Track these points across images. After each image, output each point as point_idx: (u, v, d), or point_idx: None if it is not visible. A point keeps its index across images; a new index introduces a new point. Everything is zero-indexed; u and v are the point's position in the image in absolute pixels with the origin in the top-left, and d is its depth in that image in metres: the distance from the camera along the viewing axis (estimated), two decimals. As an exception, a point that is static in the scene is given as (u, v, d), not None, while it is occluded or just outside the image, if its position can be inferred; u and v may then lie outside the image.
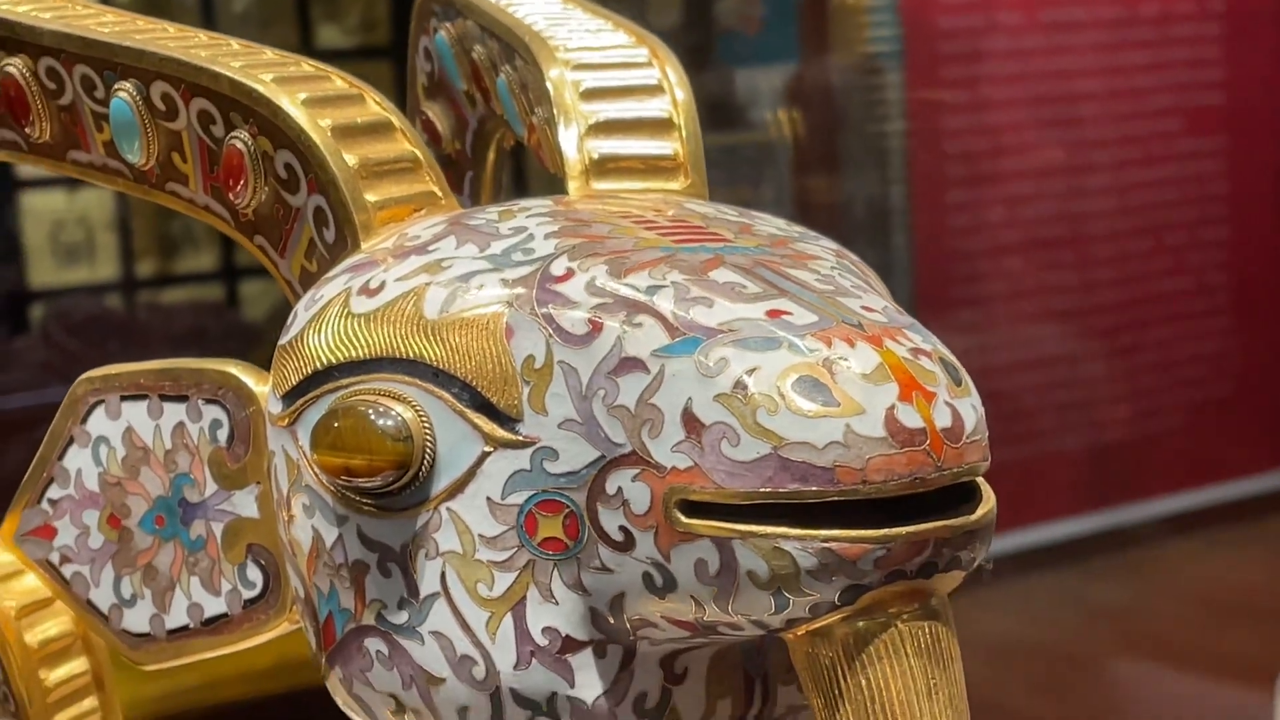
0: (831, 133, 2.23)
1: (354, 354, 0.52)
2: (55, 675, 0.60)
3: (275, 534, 0.56)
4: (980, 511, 0.49)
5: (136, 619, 0.59)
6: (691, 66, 0.64)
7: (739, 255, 0.52)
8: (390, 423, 0.50)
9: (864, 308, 0.50)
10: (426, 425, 0.51)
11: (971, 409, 0.49)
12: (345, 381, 0.52)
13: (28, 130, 0.60)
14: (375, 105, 0.57)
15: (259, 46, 0.59)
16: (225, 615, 0.57)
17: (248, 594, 0.57)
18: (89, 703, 0.61)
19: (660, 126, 0.61)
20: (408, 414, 0.51)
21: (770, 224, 0.56)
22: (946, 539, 0.48)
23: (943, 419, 0.48)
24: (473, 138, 0.72)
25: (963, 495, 0.49)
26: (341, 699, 0.55)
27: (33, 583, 0.60)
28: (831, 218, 2.20)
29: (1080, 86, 2.30)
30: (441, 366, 0.51)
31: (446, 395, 0.51)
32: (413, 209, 0.56)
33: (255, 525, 0.56)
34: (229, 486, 0.57)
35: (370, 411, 0.50)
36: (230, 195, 0.57)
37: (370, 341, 0.52)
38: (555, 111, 0.61)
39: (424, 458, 0.51)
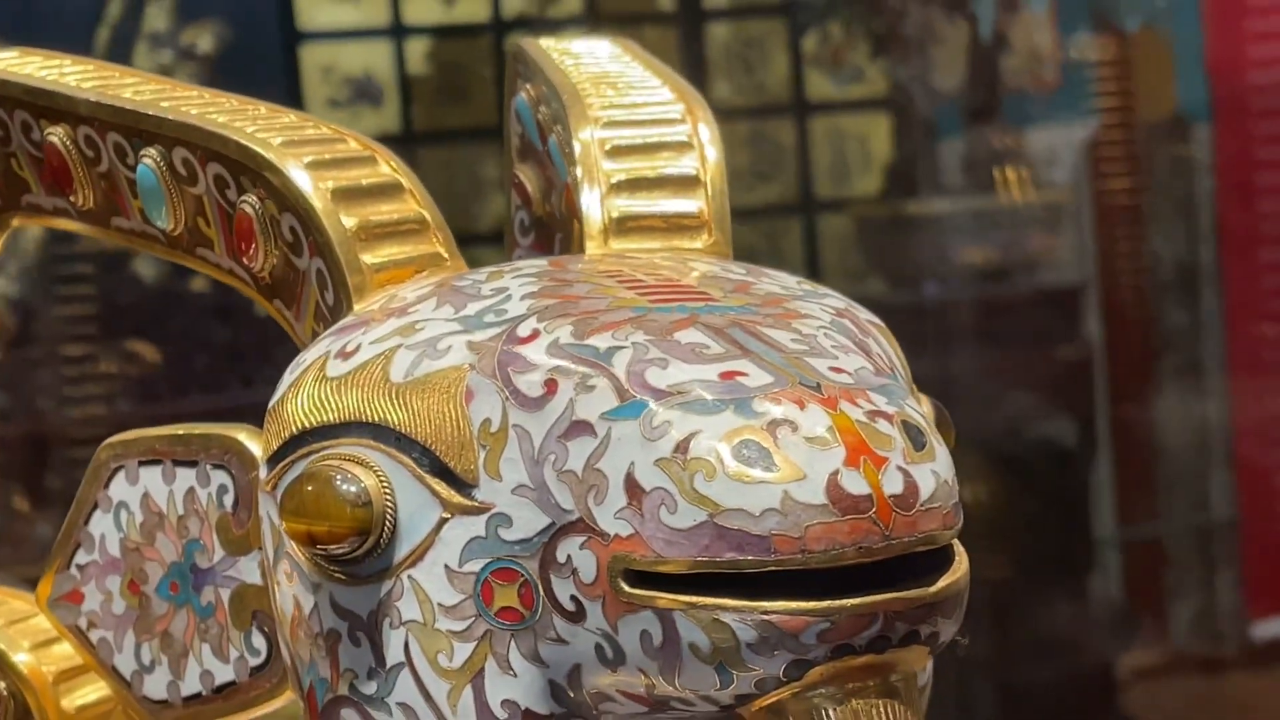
0: (1137, 192, 2.16)
1: (326, 418, 0.51)
2: None
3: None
4: (941, 583, 0.46)
5: (155, 686, 0.59)
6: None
7: (716, 315, 0.50)
8: (351, 489, 0.50)
9: (833, 369, 0.48)
10: (388, 491, 0.50)
11: (931, 475, 0.46)
12: (317, 446, 0.51)
13: (73, 199, 0.61)
14: (387, 167, 0.57)
15: (283, 110, 0.59)
16: (234, 683, 0.57)
17: (253, 661, 0.56)
18: None
19: (685, 184, 0.60)
20: (369, 480, 0.50)
21: (777, 282, 0.54)
22: (900, 612, 0.45)
23: (893, 485, 0.45)
24: (559, 199, 0.71)
25: (934, 565, 0.46)
26: None
27: (68, 649, 0.61)
28: (1137, 279, 2.13)
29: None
30: (404, 431, 0.50)
31: (408, 460, 0.50)
32: (414, 271, 0.56)
33: (259, 592, 0.56)
34: (235, 552, 0.56)
35: (336, 477, 0.50)
36: (245, 260, 0.57)
37: (341, 406, 0.51)
38: (580, 171, 0.59)
39: (384, 524, 0.50)
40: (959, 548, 0.48)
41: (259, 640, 0.56)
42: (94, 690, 0.61)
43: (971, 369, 1.91)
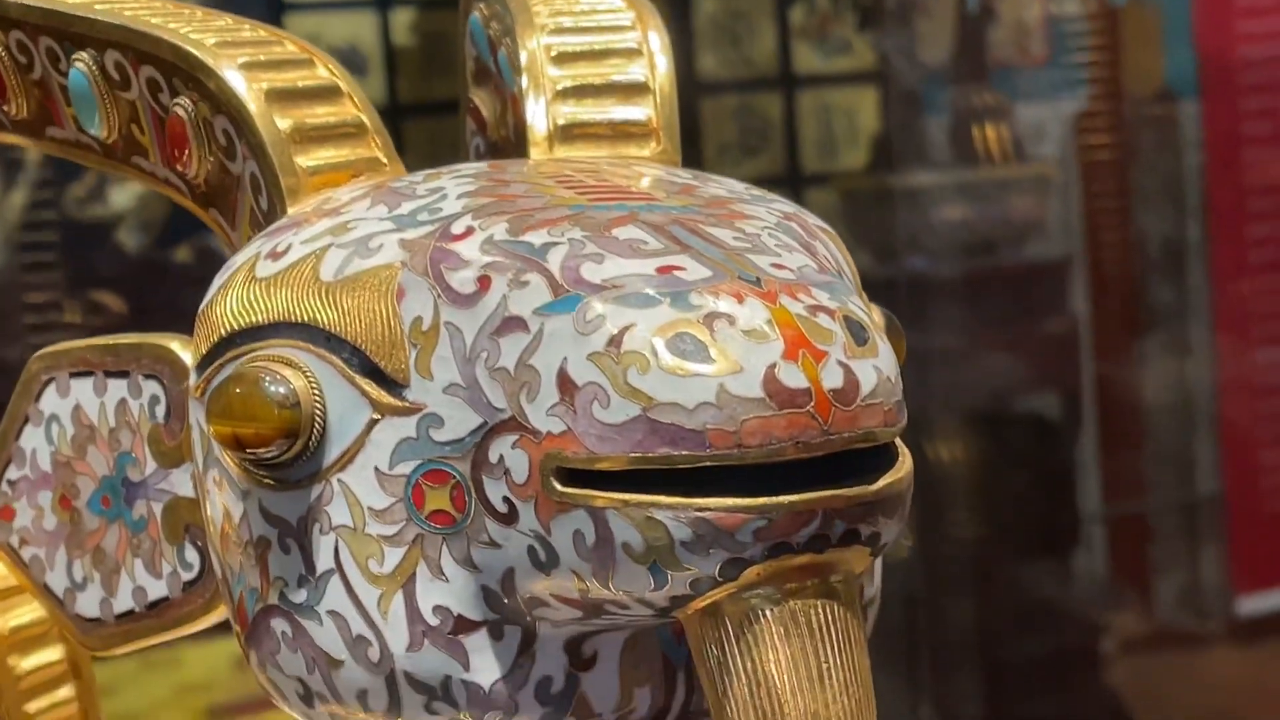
0: (1124, 166, 2.14)
1: (255, 319, 0.50)
2: (26, 663, 0.59)
3: None
4: (883, 482, 0.44)
5: (88, 603, 0.58)
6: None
7: (656, 213, 0.48)
8: (279, 390, 0.48)
9: (774, 265, 0.46)
10: (316, 392, 0.48)
11: (873, 370, 0.44)
12: (246, 348, 0.50)
13: (6, 108, 0.59)
14: (325, 70, 0.55)
15: (220, 14, 0.57)
16: (167, 599, 0.56)
17: (186, 576, 0.55)
18: (64, 692, 0.60)
19: (633, 91, 0.58)
20: (298, 381, 0.48)
21: (725, 186, 0.52)
22: (839, 510, 0.44)
23: (833, 379, 0.44)
24: (515, 122, 0.69)
25: (876, 464, 0.45)
26: (261, 684, 0.53)
27: (1, 570, 0.59)
28: (1124, 253, 2.12)
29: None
30: (333, 330, 0.48)
31: (337, 360, 0.48)
32: (351, 175, 0.54)
33: (191, 505, 0.54)
34: (167, 465, 0.55)
35: (264, 378, 0.48)
36: (179, 166, 0.55)
37: (270, 306, 0.50)
38: (526, 79, 0.58)
39: (313, 426, 0.48)
40: (903, 449, 0.46)
41: (192, 555, 0.55)
42: (29, 611, 0.59)
43: (957, 343, 1.90)
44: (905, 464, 0.46)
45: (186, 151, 0.55)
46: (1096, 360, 2.06)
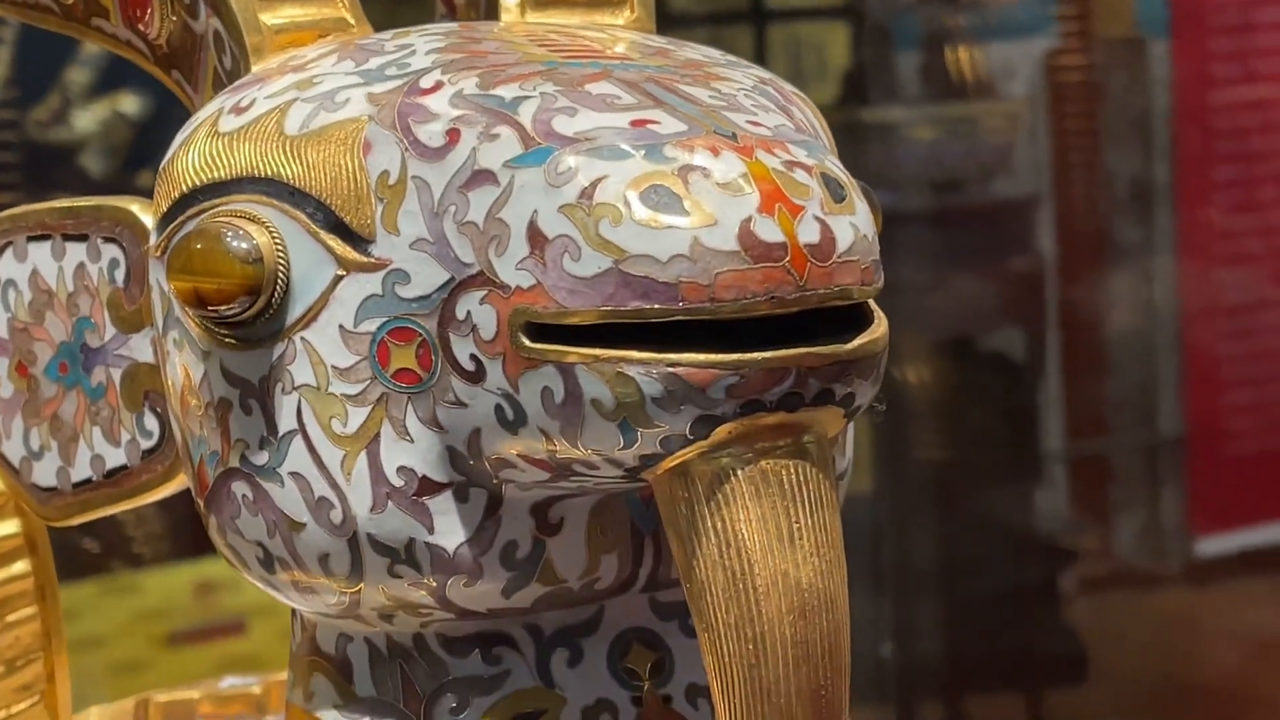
0: (1093, 107, 2.14)
1: (217, 175, 0.49)
2: None
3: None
4: (858, 341, 0.44)
5: (44, 472, 0.57)
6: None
7: (631, 71, 0.47)
8: (242, 245, 0.47)
9: (750, 122, 0.45)
10: (280, 248, 0.47)
11: (850, 226, 0.44)
12: (208, 204, 0.49)
13: None
14: None
15: None
16: (125, 467, 0.54)
17: (145, 444, 0.54)
18: (19, 566, 0.59)
19: None
20: (261, 237, 0.47)
21: (700, 52, 0.51)
22: (813, 368, 0.43)
23: (809, 234, 0.43)
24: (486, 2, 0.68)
25: (851, 324, 0.44)
26: (221, 550, 0.52)
27: None
28: (1091, 194, 2.11)
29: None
30: (298, 185, 0.47)
31: (302, 215, 0.47)
32: (317, 35, 0.53)
33: (151, 371, 0.53)
34: (126, 330, 0.54)
35: (226, 233, 0.47)
36: (141, 27, 0.54)
37: (233, 161, 0.49)
38: None
39: (276, 282, 0.47)
40: (879, 312, 0.46)
41: (151, 422, 0.54)
42: None
43: (924, 277, 1.89)
44: (881, 326, 0.45)
45: (149, 11, 0.54)
46: (1062, 299, 2.06)
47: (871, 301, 0.45)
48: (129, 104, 1.68)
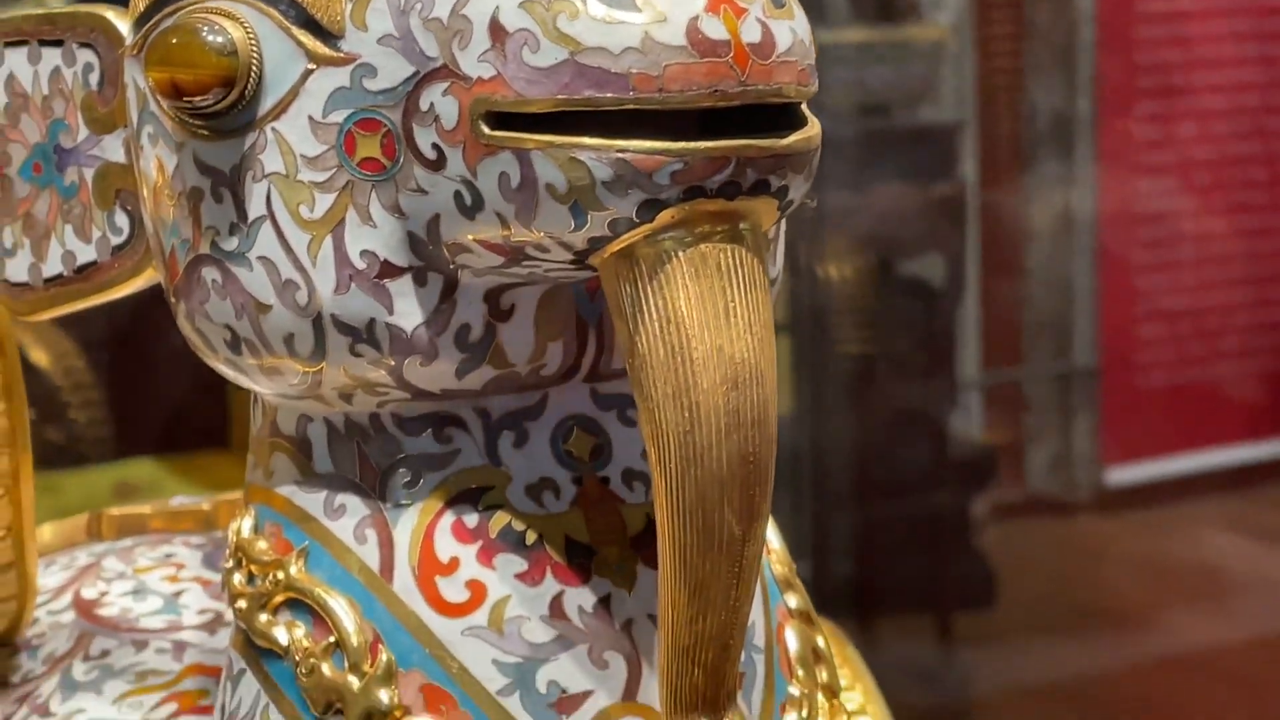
0: (1018, 37, 2.15)
1: None
2: None
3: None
4: (794, 137, 0.46)
5: (17, 269, 0.59)
6: None
7: None
8: (217, 39, 0.49)
9: None
10: (253, 42, 0.50)
11: (789, 30, 0.46)
12: (185, 3, 0.51)
13: None
14: None
15: None
16: (95, 263, 0.57)
17: (115, 240, 0.56)
18: None
19: None
20: (236, 32, 0.50)
21: None
22: (752, 159, 0.46)
23: (751, 34, 0.46)
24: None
25: (788, 123, 0.47)
26: (189, 336, 0.54)
27: None
28: (1014, 123, 2.13)
29: (1282, -3, 2.20)
30: None
31: (274, 12, 0.50)
32: None
33: (123, 170, 0.55)
34: (99, 131, 0.56)
35: (202, 28, 0.49)
36: None
37: None
38: None
39: (249, 74, 0.50)
40: (813, 117, 0.48)
41: (122, 219, 0.56)
42: None
43: (846, 203, 1.90)
44: (815, 127, 0.48)
45: None
46: (982, 227, 2.08)
47: (805, 107, 0.48)
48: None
